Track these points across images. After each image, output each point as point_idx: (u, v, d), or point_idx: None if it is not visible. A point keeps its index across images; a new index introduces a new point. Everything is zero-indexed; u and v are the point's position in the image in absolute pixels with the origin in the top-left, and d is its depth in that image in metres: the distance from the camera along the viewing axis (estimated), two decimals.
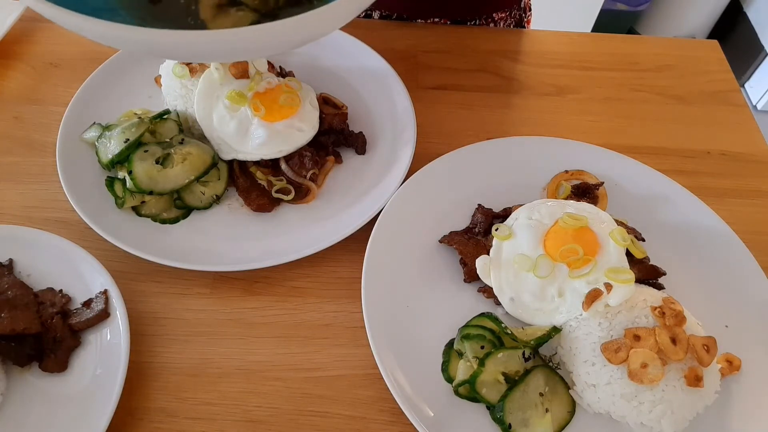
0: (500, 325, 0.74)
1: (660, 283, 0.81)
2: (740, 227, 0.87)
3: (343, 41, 1.09)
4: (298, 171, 0.91)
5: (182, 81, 0.93)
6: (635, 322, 0.71)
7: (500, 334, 0.74)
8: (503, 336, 0.74)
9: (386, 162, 0.94)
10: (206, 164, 0.88)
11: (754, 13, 2.88)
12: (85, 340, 0.75)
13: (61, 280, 0.78)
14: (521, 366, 0.72)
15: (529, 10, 1.33)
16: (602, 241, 0.78)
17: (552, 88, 1.12)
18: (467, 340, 0.73)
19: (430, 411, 0.70)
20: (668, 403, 0.67)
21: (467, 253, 0.82)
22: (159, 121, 0.90)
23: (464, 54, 1.15)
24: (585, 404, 0.72)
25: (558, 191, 0.91)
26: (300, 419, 0.73)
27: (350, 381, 0.76)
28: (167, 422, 0.72)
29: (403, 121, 0.98)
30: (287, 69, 1.04)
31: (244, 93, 0.91)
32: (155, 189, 0.85)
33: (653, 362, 0.67)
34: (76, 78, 1.02)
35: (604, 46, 1.20)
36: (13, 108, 1.03)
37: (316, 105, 0.95)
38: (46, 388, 0.71)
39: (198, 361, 0.77)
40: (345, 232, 0.85)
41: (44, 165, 0.93)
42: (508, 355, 0.72)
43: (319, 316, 0.82)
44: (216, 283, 0.84)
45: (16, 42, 1.12)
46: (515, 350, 0.72)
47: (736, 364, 0.75)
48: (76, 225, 0.85)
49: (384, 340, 0.74)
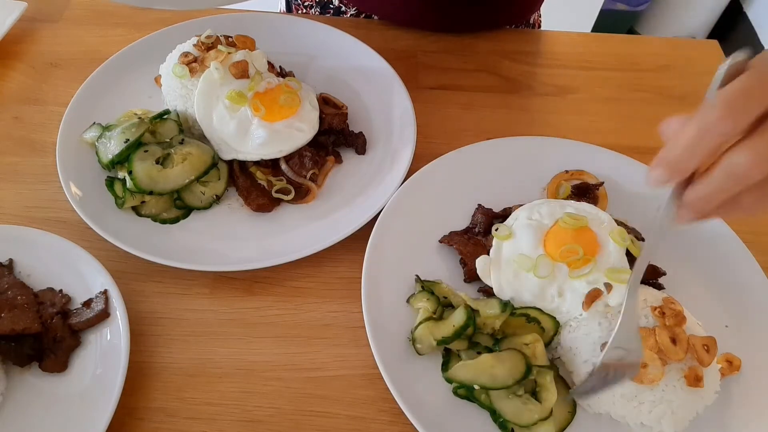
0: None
1: (660, 283, 0.81)
2: (740, 227, 0.87)
3: (343, 41, 1.09)
4: (298, 171, 0.91)
5: (182, 81, 0.93)
6: None
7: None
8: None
9: (386, 162, 0.94)
10: (206, 164, 0.88)
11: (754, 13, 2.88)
12: (85, 340, 0.75)
13: (61, 280, 0.78)
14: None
15: (538, 27, 1.33)
16: (602, 241, 0.78)
17: (552, 88, 1.12)
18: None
19: (430, 411, 0.70)
20: (668, 403, 0.67)
21: (467, 253, 0.82)
22: (159, 121, 0.90)
23: (464, 54, 1.15)
24: (585, 404, 0.72)
25: (558, 191, 0.91)
26: (300, 419, 0.73)
27: (350, 381, 0.76)
28: (167, 422, 0.72)
29: (403, 121, 0.98)
30: (287, 69, 1.04)
31: (244, 93, 0.91)
32: (155, 189, 0.85)
33: (653, 362, 0.67)
34: (76, 78, 1.01)
35: (604, 46, 1.20)
36: (13, 108, 1.03)
37: (316, 105, 0.95)
38: (46, 388, 0.71)
39: (198, 361, 0.77)
40: (345, 231, 0.85)
41: (44, 165, 0.93)
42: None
43: (319, 316, 0.82)
44: (216, 283, 0.84)
45: (16, 42, 1.12)
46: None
47: (736, 364, 0.75)
48: (76, 225, 0.85)
49: (384, 340, 0.74)
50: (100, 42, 1.13)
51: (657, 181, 0.53)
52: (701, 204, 0.51)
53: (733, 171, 0.48)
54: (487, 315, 0.75)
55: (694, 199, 0.51)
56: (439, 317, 0.76)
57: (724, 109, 0.47)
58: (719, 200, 0.50)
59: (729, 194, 0.49)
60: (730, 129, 0.47)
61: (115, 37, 1.12)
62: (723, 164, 0.48)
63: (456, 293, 0.79)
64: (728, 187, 0.49)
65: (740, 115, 0.47)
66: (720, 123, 0.47)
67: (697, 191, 0.51)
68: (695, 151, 0.49)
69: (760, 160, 0.46)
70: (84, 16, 1.18)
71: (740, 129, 0.47)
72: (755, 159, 0.47)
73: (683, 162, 0.51)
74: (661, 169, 0.52)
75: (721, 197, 0.50)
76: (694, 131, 0.49)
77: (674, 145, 0.51)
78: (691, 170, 0.51)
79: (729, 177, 0.48)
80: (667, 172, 0.52)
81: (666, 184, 0.53)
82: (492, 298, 0.79)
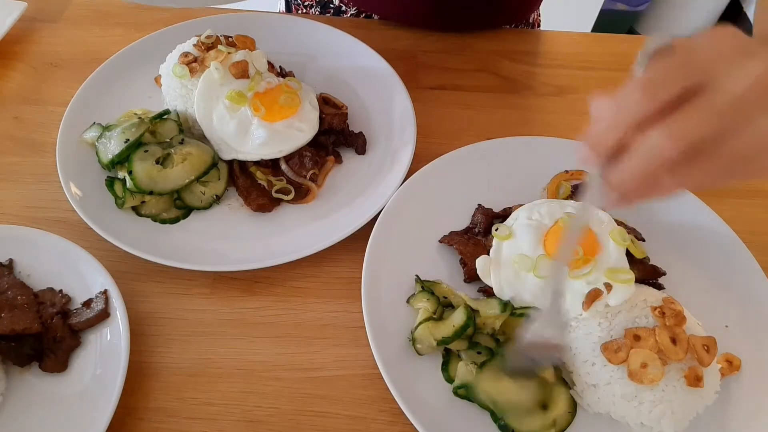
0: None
1: (660, 283, 0.82)
2: (740, 227, 0.87)
3: (343, 41, 1.09)
4: (298, 171, 0.91)
5: (182, 81, 0.93)
6: (635, 322, 0.71)
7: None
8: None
9: (386, 162, 0.94)
10: (206, 164, 0.88)
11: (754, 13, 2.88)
12: (85, 340, 0.75)
13: (61, 280, 0.78)
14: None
15: (537, 26, 1.33)
16: (602, 241, 0.78)
17: (552, 88, 1.12)
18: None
19: (430, 411, 0.70)
20: (668, 403, 0.67)
21: (467, 253, 0.82)
22: (159, 121, 0.90)
23: (464, 54, 1.15)
24: (585, 404, 0.72)
25: (558, 191, 0.91)
26: (300, 419, 0.73)
27: (350, 381, 0.76)
28: (167, 422, 0.72)
29: (403, 121, 0.98)
30: (287, 69, 1.04)
31: (244, 93, 0.91)
32: (155, 189, 0.85)
33: (653, 362, 0.67)
34: (76, 78, 1.01)
35: (604, 46, 1.20)
36: (13, 108, 1.03)
37: (316, 105, 0.95)
38: (46, 388, 0.71)
39: (198, 361, 0.77)
40: (345, 231, 0.85)
41: (44, 165, 0.93)
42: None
43: (319, 316, 0.82)
44: (216, 283, 0.84)
45: (16, 42, 1.12)
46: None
47: (736, 364, 0.75)
48: (76, 225, 0.85)
49: (384, 340, 0.74)
50: (100, 42, 1.13)
51: (581, 159, 0.53)
52: (619, 185, 0.51)
53: (649, 149, 0.48)
54: (487, 315, 0.75)
55: (616, 179, 0.51)
56: (439, 317, 0.76)
57: (643, 87, 0.48)
58: (639, 180, 0.50)
59: (648, 173, 0.49)
60: (647, 105, 0.48)
61: (115, 37, 1.12)
62: (638, 144, 0.49)
63: (456, 293, 0.79)
64: (646, 166, 0.48)
65: (658, 94, 0.47)
66: (637, 100, 0.48)
67: (618, 171, 0.51)
68: (615, 129, 0.50)
69: (670, 141, 0.47)
70: (84, 16, 1.18)
71: (657, 107, 0.48)
72: (666, 139, 0.47)
73: (602, 140, 0.51)
74: (583, 147, 0.52)
75: (640, 177, 0.49)
76: (614, 108, 0.50)
77: (596, 123, 0.51)
78: (611, 148, 0.51)
79: (646, 155, 0.48)
80: (588, 150, 0.52)
81: (591, 162, 0.53)
82: (492, 298, 0.79)
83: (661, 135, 0.47)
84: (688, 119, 0.46)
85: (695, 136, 0.46)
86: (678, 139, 0.47)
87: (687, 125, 0.46)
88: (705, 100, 0.46)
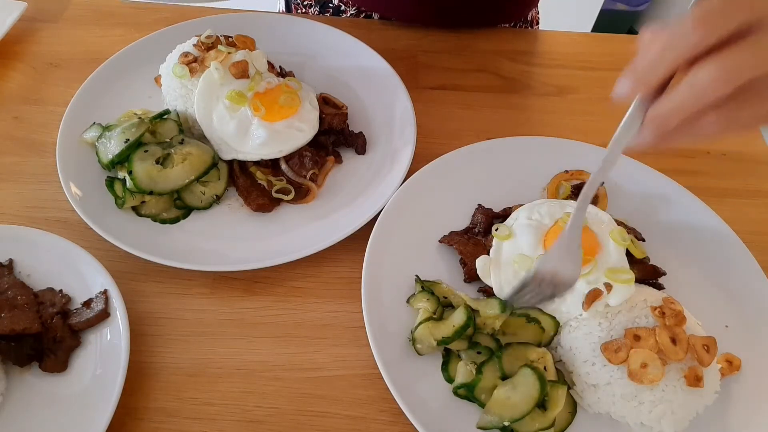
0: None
1: (660, 283, 0.82)
2: (740, 227, 0.87)
3: (343, 41, 1.09)
4: (298, 171, 0.91)
5: (182, 81, 0.93)
6: (635, 322, 0.71)
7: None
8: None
9: (386, 162, 0.94)
10: (206, 164, 0.88)
11: None
12: (85, 340, 0.75)
13: (61, 280, 0.78)
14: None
15: (536, 24, 1.33)
16: (602, 241, 0.78)
17: (552, 88, 1.12)
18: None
19: (430, 411, 0.70)
20: (668, 403, 0.67)
21: (467, 253, 0.82)
22: (159, 121, 0.90)
23: (464, 54, 1.15)
24: (585, 404, 0.72)
25: (558, 191, 0.91)
26: (300, 419, 0.73)
27: (350, 381, 0.76)
28: (167, 422, 0.72)
29: (403, 121, 0.98)
30: (287, 69, 1.04)
31: (244, 93, 0.91)
32: (155, 189, 0.85)
33: (653, 362, 0.67)
34: (76, 78, 1.01)
35: (604, 46, 1.20)
36: (13, 108, 1.03)
37: (316, 105, 0.95)
38: (46, 388, 0.71)
39: (198, 361, 0.77)
40: (345, 231, 0.85)
41: (44, 165, 0.93)
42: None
43: (319, 316, 0.82)
44: (216, 283, 0.84)
45: (16, 42, 1.12)
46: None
47: (736, 364, 0.75)
48: (76, 225, 0.85)
49: (384, 340, 0.74)
50: (100, 42, 1.13)
51: (622, 93, 0.51)
52: (662, 120, 0.49)
53: (697, 85, 0.46)
54: (487, 315, 0.75)
55: (656, 114, 0.49)
56: (439, 317, 0.76)
57: (697, 20, 0.46)
58: (680, 117, 0.48)
59: (690, 111, 0.47)
60: (699, 39, 0.46)
61: (115, 37, 1.12)
62: (687, 78, 0.47)
63: (456, 293, 0.79)
64: (690, 103, 0.47)
65: (711, 28, 0.46)
66: (690, 33, 0.46)
67: (660, 106, 0.49)
68: (663, 62, 0.48)
69: (723, 77, 0.45)
70: (84, 16, 1.18)
71: (710, 42, 0.46)
72: (719, 75, 0.45)
73: (649, 72, 0.49)
74: (627, 80, 0.50)
75: (682, 114, 0.48)
76: (665, 41, 0.48)
77: (643, 55, 0.49)
78: (657, 82, 0.49)
79: (692, 92, 0.47)
80: (632, 83, 0.50)
81: (631, 95, 0.51)
82: (492, 298, 0.79)
83: (714, 70, 0.45)
84: (743, 57, 0.45)
85: (748, 75, 0.45)
86: (731, 75, 0.45)
87: (741, 63, 0.45)
88: (760, 38, 0.45)
